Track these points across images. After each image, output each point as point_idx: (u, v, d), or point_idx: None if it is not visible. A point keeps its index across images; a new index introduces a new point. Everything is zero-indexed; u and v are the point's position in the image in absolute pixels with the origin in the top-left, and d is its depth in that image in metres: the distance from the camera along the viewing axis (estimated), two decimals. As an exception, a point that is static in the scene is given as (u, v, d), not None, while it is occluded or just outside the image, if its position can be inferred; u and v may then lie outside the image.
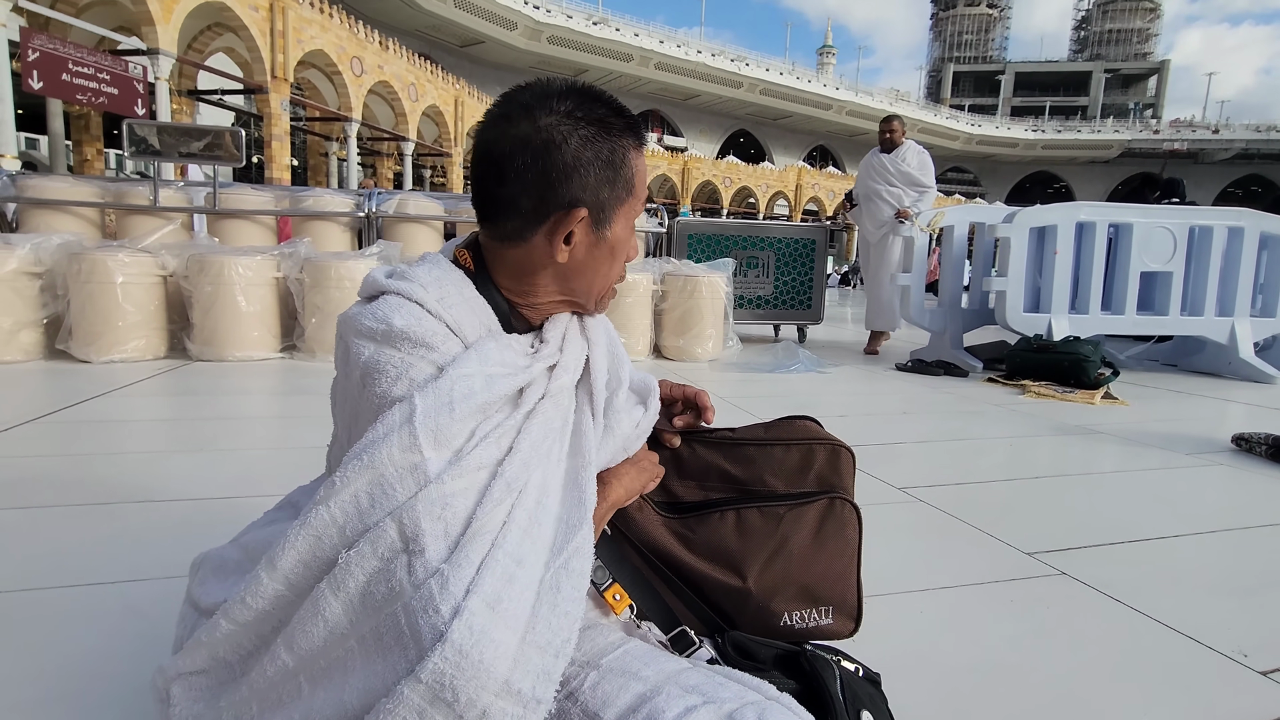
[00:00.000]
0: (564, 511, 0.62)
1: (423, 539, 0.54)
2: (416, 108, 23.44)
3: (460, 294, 0.68)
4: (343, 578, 0.54)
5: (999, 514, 1.67)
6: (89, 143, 15.83)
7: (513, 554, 0.55)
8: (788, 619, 0.83)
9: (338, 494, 0.56)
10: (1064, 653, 1.06)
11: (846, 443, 0.93)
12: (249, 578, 0.58)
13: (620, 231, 0.71)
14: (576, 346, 0.73)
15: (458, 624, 0.49)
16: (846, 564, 0.87)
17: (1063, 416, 2.89)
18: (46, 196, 3.87)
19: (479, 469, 0.59)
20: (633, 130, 0.70)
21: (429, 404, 0.59)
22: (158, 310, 3.44)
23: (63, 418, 2.25)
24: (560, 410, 0.68)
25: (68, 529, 1.37)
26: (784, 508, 0.85)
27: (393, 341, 0.62)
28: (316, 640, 0.54)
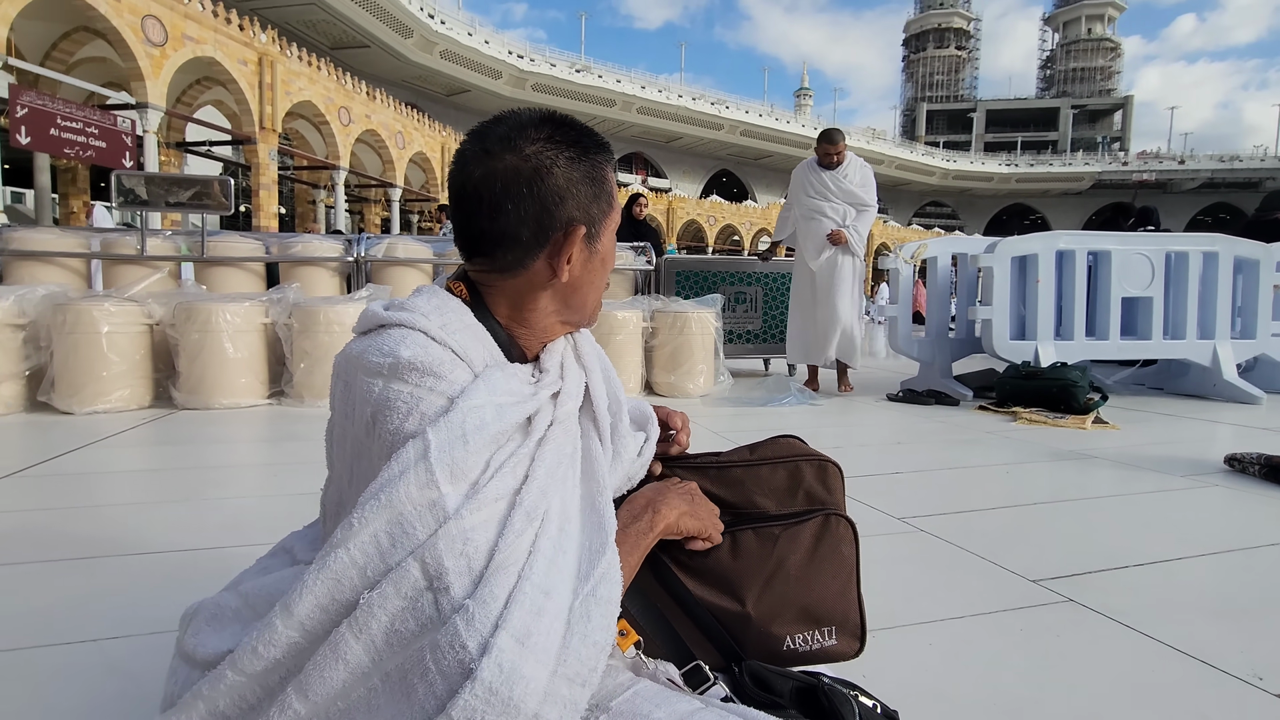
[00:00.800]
0: (585, 538, 0.61)
1: (447, 576, 0.53)
2: (404, 155, 23.79)
3: (461, 320, 0.68)
4: (365, 620, 0.53)
5: (1001, 541, 1.65)
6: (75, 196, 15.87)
7: (540, 585, 0.54)
8: (790, 642, 0.80)
9: (356, 535, 0.55)
10: (1079, 683, 1.04)
11: (832, 458, 0.92)
12: (260, 625, 0.56)
13: (607, 243, 0.74)
14: (575, 374, 0.74)
15: (487, 661, 0.49)
16: (845, 581, 0.84)
17: (1056, 442, 2.90)
18: (31, 249, 3.85)
19: (497, 500, 0.58)
20: (604, 147, 0.73)
21: (442, 438, 0.58)
22: (143, 359, 3.40)
23: (42, 471, 2.19)
24: (570, 436, 0.67)
25: (46, 586, 1.32)
26: (779, 528, 0.82)
27: (400, 375, 0.61)
28: (335, 684, 0.53)
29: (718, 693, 0.70)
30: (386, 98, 23.02)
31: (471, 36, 34.47)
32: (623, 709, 0.59)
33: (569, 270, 0.70)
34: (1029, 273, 4.05)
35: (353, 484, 0.66)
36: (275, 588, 0.66)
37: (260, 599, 0.67)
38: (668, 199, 37.85)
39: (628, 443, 0.80)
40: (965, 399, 4.00)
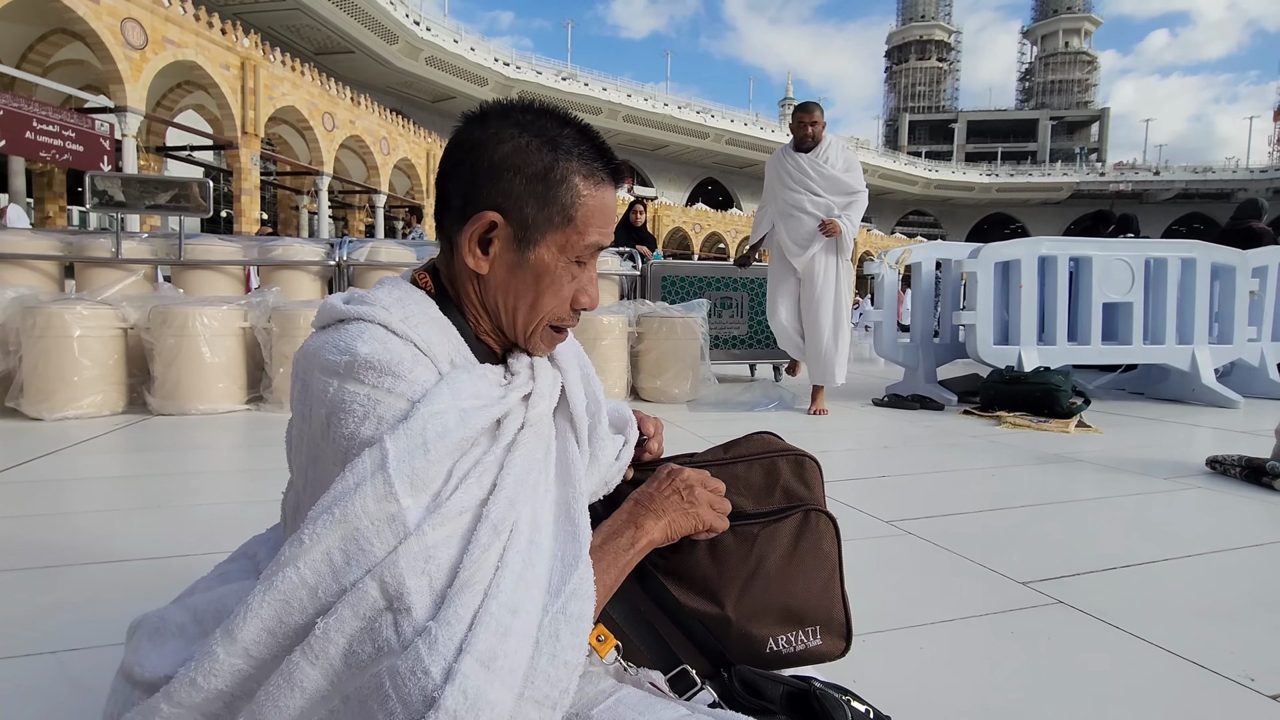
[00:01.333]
0: (558, 548, 0.58)
1: (408, 597, 0.49)
2: (388, 161, 23.65)
3: (425, 313, 0.64)
4: (321, 645, 0.49)
5: (989, 544, 1.64)
6: (51, 200, 15.61)
7: (507, 604, 0.51)
8: (774, 644, 0.77)
9: (307, 553, 0.51)
10: (1072, 686, 1.02)
11: (810, 452, 0.90)
12: (199, 654, 0.51)
13: (549, 259, 0.65)
14: (548, 374, 0.70)
15: (451, 690, 0.45)
16: (827, 579, 0.81)
17: (1040, 446, 2.91)
18: (4, 251, 3.76)
19: (461, 513, 0.54)
20: (593, 160, 0.66)
21: (401, 447, 0.54)
22: (117, 364, 3.32)
23: (8, 478, 2.12)
24: (542, 440, 0.63)
25: (6, 596, 1.27)
26: (757, 526, 0.79)
27: (357, 374, 0.57)
28: (292, 711, 0.49)
29: (705, 699, 0.67)
30: (371, 104, 22.89)
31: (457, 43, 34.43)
32: (604, 717, 0.57)
33: (488, 264, 0.65)
34: (1012, 278, 4.08)
35: (308, 489, 0.63)
36: (225, 603, 0.62)
37: (209, 615, 0.63)
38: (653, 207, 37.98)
39: (606, 446, 0.76)
40: (950, 404, 4.02)
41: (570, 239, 0.65)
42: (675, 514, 0.70)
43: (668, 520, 0.69)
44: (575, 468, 0.65)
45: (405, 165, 25.33)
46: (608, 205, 0.67)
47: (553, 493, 0.62)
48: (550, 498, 0.61)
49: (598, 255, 0.69)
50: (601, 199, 0.67)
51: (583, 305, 0.69)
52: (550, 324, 0.68)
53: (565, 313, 0.69)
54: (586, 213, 0.66)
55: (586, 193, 0.66)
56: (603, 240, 0.67)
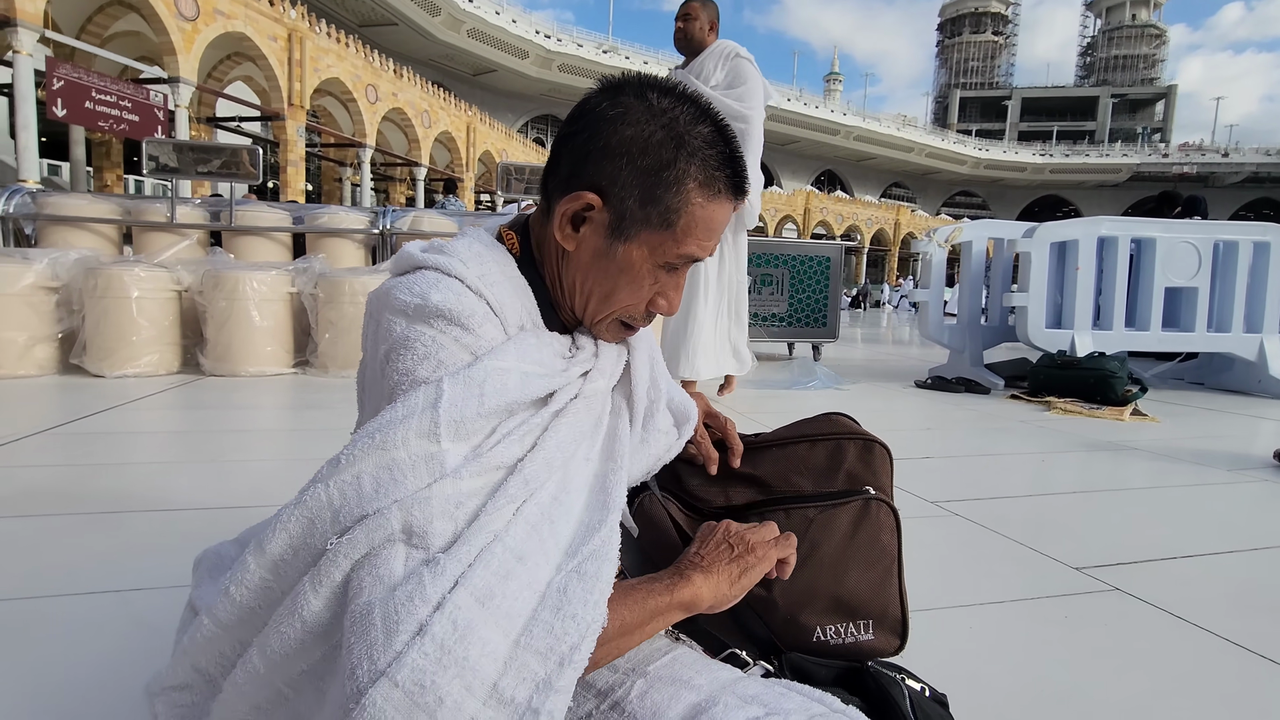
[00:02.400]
0: (587, 516, 0.56)
1: (431, 537, 0.48)
2: (429, 134, 23.81)
3: (502, 272, 0.63)
4: (328, 569, 0.47)
5: (1039, 528, 1.59)
6: (109, 169, 16.13)
7: (514, 549, 0.48)
8: (821, 634, 0.74)
9: (340, 473, 0.50)
10: (1129, 674, 0.99)
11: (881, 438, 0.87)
12: (236, 565, 0.52)
13: (636, 258, 0.62)
14: (612, 352, 0.68)
15: (439, 617, 0.43)
16: (884, 572, 0.78)
17: (1092, 433, 2.81)
18: (65, 214, 3.90)
19: (498, 468, 0.53)
20: (716, 168, 0.61)
21: (457, 392, 0.53)
22: (172, 325, 3.43)
23: (73, 429, 2.22)
24: (592, 413, 0.62)
25: (74, 538, 1.33)
26: (814, 510, 0.76)
27: (426, 317, 0.57)
28: (292, 642, 0.48)
29: (756, 673, 0.65)
30: (413, 76, 23.01)
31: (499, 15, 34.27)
32: (661, 674, 0.56)
33: (576, 242, 0.62)
34: (1068, 259, 3.92)
35: None
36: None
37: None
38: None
39: (659, 437, 0.74)
40: (996, 388, 3.91)
41: (665, 244, 0.62)
42: (730, 566, 0.61)
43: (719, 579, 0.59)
44: (621, 444, 0.63)
45: (445, 138, 25.48)
46: (716, 219, 0.63)
47: (594, 465, 0.60)
48: (590, 469, 0.60)
49: (690, 265, 0.65)
50: (711, 212, 0.62)
51: (658, 309, 0.66)
52: (620, 319, 0.66)
53: (639, 312, 0.65)
54: (690, 222, 0.61)
55: (697, 201, 0.61)
56: (699, 254, 0.63)
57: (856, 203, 43.79)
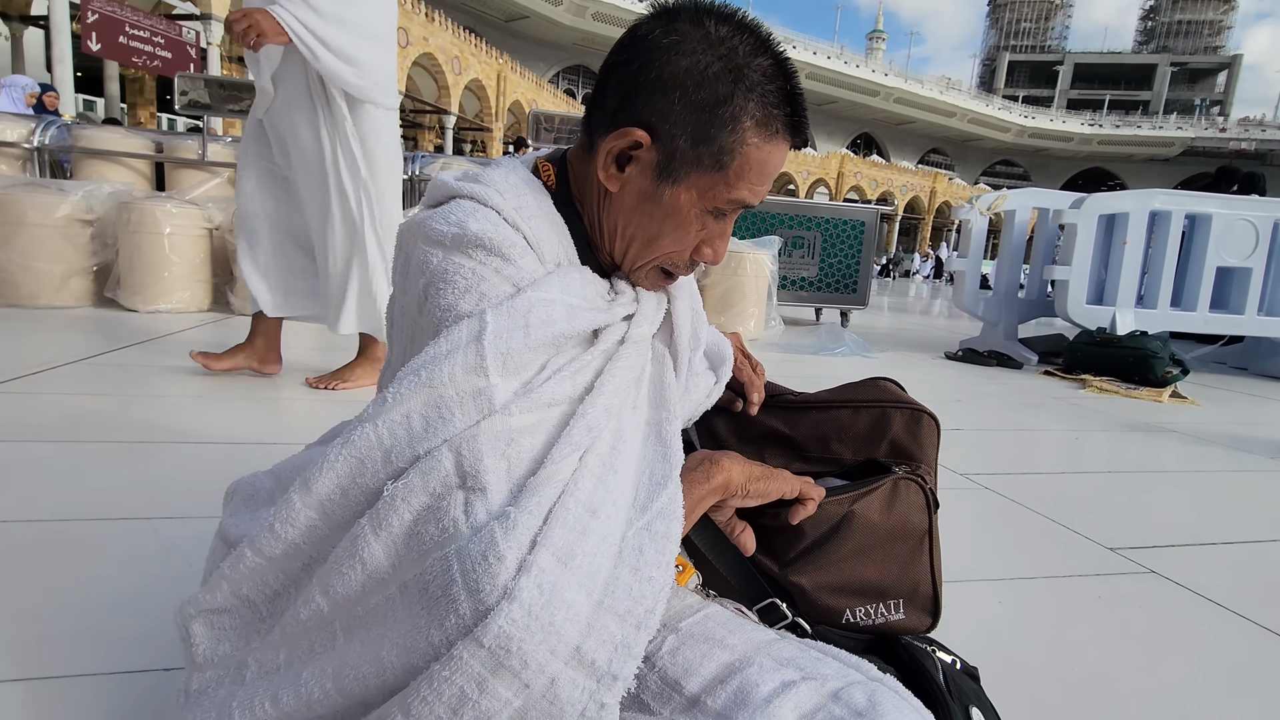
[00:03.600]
0: (646, 466, 0.53)
1: (484, 476, 0.46)
2: (459, 81, 23.45)
3: (539, 206, 0.59)
4: (386, 514, 0.46)
5: (1072, 506, 1.55)
6: (143, 106, 16.17)
7: (586, 503, 0.47)
8: (850, 616, 0.71)
9: (387, 412, 0.49)
10: (1163, 659, 0.96)
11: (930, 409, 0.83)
12: (280, 502, 0.51)
13: (684, 202, 0.58)
14: (654, 299, 0.64)
15: (526, 581, 0.41)
16: (912, 552, 0.74)
17: (1127, 413, 2.73)
18: (99, 147, 3.91)
19: (551, 405, 0.51)
20: (775, 105, 0.56)
21: (502, 323, 0.51)
22: (203, 263, 3.46)
23: (108, 360, 2.25)
24: (641, 359, 0.59)
25: (107, 465, 1.35)
26: (847, 501, 0.70)
27: (465, 248, 0.54)
28: (354, 585, 0.47)
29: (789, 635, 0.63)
30: (445, 20, 22.55)
31: (533, -42, 33.31)
32: (693, 630, 0.54)
33: (620, 183, 0.59)
34: (1116, 233, 3.76)
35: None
36: (306, 463, 0.63)
37: (290, 477, 0.63)
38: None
39: (699, 381, 0.72)
40: (1029, 363, 3.81)
41: (715, 187, 0.58)
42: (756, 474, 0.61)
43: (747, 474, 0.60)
44: (670, 392, 0.60)
45: (475, 86, 25.09)
46: (771, 162, 0.58)
47: (643, 412, 0.58)
48: (640, 416, 0.57)
49: (739, 212, 0.62)
50: (767, 154, 0.58)
51: (704, 258, 0.62)
52: (662, 266, 0.62)
53: (682, 260, 0.62)
54: (743, 164, 0.57)
55: (752, 142, 0.57)
56: (751, 199, 0.59)
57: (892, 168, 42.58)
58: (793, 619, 0.63)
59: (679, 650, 0.52)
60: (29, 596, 0.88)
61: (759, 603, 0.63)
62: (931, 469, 0.82)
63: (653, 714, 0.49)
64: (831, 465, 0.82)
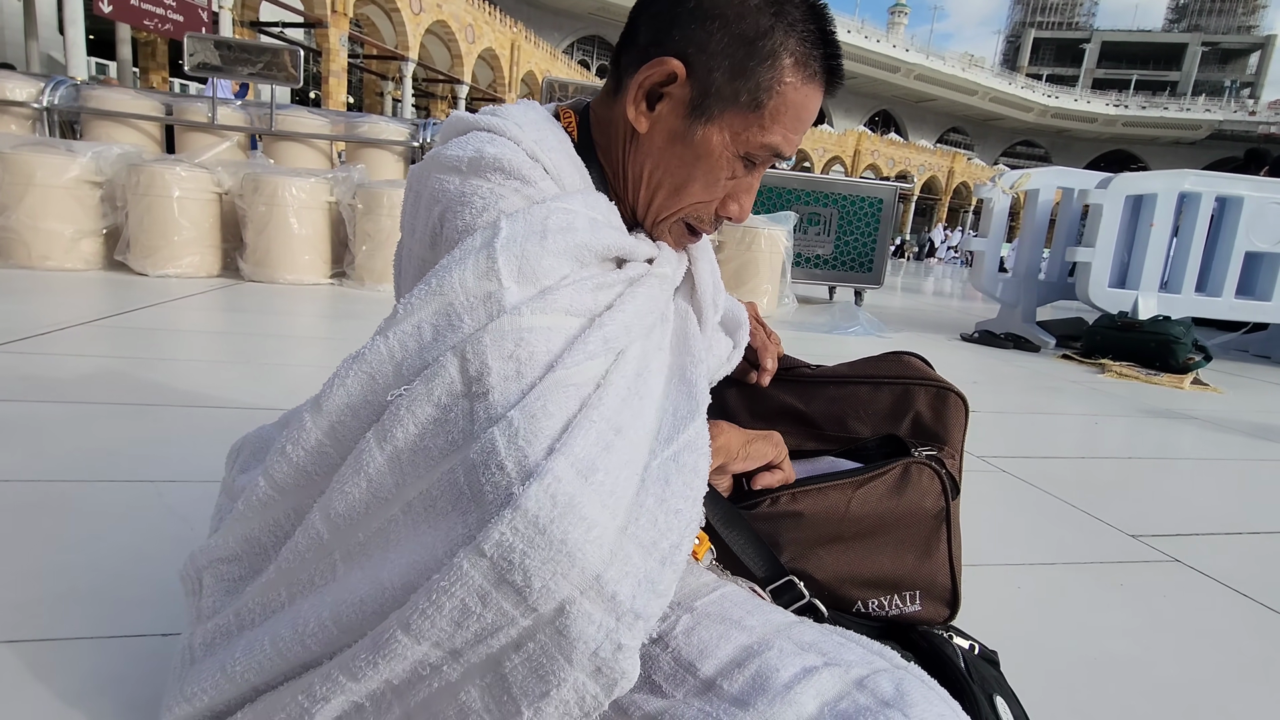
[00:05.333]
0: (669, 403, 0.51)
1: (488, 378, 0.43)
2: (473, 50, 23.12)
3: (560, 146, 0.56)
4: (390, 425, 0.44)
5: (1093, 491, 1.51)
6: (155, 70, 16.06)
7: (610, 419, 0.43)
8: (862, 606, 0.68)
9: (399, 324, 0.46)
10: (1189, 649, 0.93)
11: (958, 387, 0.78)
12: (293, 423, 0.48)
13: (716, 142, 0.55)
14: (674, 256, 0.61)
15: (536, 489, 0.37)
16: (926, 542, 0.69)
17: (1147, 399, 2.67)
18: (109, 108, 3.87)
19: (568, 313, 0.47)
20: (814, 45, 0.54)
21: (516, 228, 0.48)
22: (212, 228, 3.43)
23: (116, 323, 2.24)
24: (665, 295, 0.56)
25: (113, 426, 1.33)
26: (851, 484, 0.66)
27: (482, 171, 0.51)
28: (356, 505, 0.45)
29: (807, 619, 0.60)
30: (459, -14, 22.17)
31: (549, -76, 32.59)
32: (709, 610, 0.51)
33: (644, 119, 0.56)
34: (1143, 215, 3.66)
35: None
36: None
37: None
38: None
39: (717, 345, 0.69)
40: (1047, 346, 3.74)
41: (750, 128, 0.55)
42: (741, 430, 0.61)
43: (739, 431, 0.61)
44: (695, 342, 0.57)
45: (489, 55, 24.74)
46: (807, 107, 0.56)
47: (666, 356, 0.55)
48: (663, 357, 0.54)
49: (769, 164, 0.58)
50: (804, 96, 0.55)
51: (729, 214, 0.59)
52: (687, 219, 0.59)
53: (708, 214, 0.59)
54: (780, 104, 0.54)
55: (790, 80, 0.54)
56: (784, 148, 0.56)
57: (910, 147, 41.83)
58: (809, 599, 0.60)
59: (694, 630, 0.49)
60: (26, 557, 0.87)
61: (774, 581, 0.60)
62: (956, 451, 0.78)
63: (665, 697, 0.47)
64: (848, 445, 0.78)
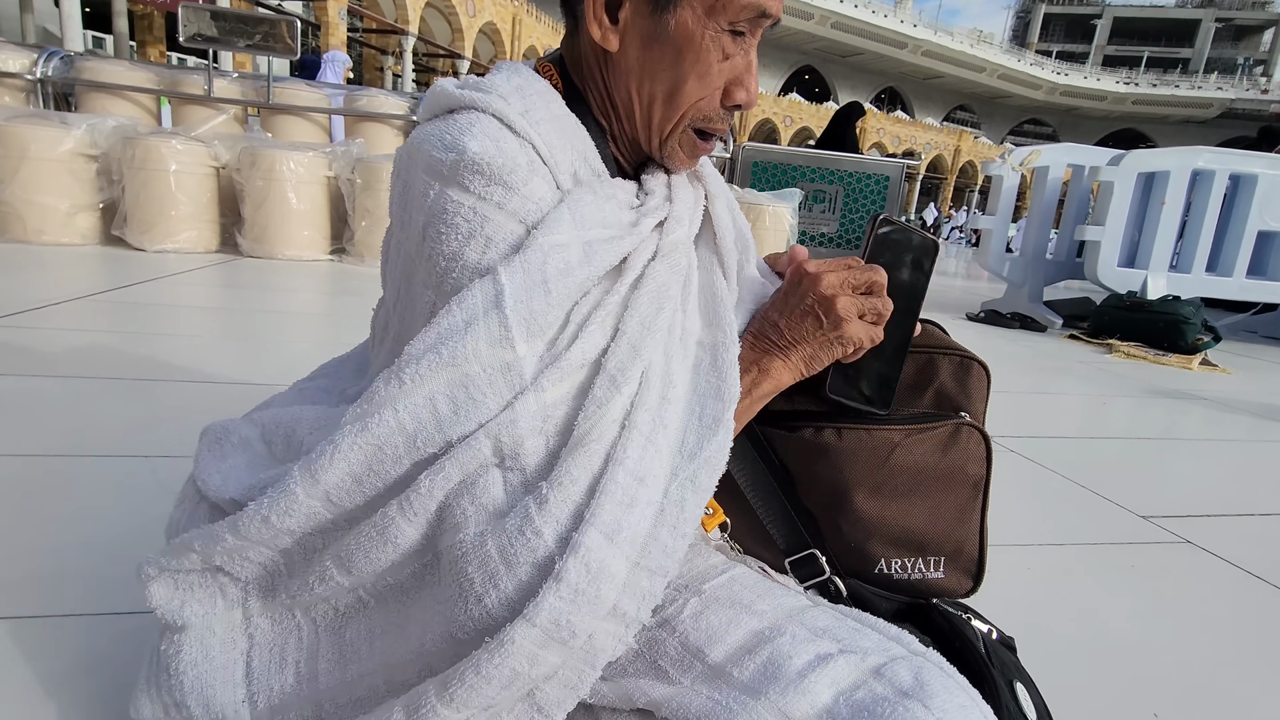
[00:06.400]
0: (696, 403, 0.48)
1: (524, 458, 0.44)
2: (474, 24, 22.76)
3: (548, 109, 0.52)
4: (423, 503, 0.44)
5: (1100, 472, 1.49)
6: (152, 44, 15.85)
7: (634, 471, 0.43)
8: (884, 567, 0.66)
9: (407, 396, 0.43)
10: (1198, 631, 0.91)
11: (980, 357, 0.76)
12: (274, 490, 0.46)
13: (692, 24, 0.50)
14: (688, 195, 0.57)
15: (573, 563, 0.40)
16: (964, 506, 0.68)
17: (1155, 379, 2.64)
18: (103, 80, 3.80)
19: (581, 367, 0.46)
20: None
21: (518, 284, 0.45)
22: (210, 202, 3.39)
23: (113, 298, 2.21)
24: (677, 272, 0.52)
25: (107, 401, 1.31)
26: (899, 432, 0.65)
27: (461, 178, 0.47)
28: (382, 564, 0.46)
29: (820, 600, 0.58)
30: (459, -42, 21.76)
31: (551, -106, 31.90)
32: (718, 594, 0.49)
33: (611, 36, 0.51)
34: (1154, 193, 3.60)
35: (398, 307, 0.55)
36: (295, 427, 0.57)
37: (277, 435, 0.58)
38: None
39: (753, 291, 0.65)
40: (1053, 326, 3.70)
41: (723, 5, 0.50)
42: (812, 346, 0.53)
43: (800, 356, 0.54)
44: (723, 305, 0.53)
45: (490, 30, 24.36)
46: None
47: (694, 334, 0.52)
48: (691, 340, 0.51)
49: (760, 31, 0.53)
50: None
51: (738, 101, 0.54)
52: (694, 125, 0.55)
53: (714, 110, 0.54)
54: None
55: None
56: (768, 3, 0.51)
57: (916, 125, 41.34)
58: (829, 576, 0.57)
59: (702, 615, 0.47)
60: (17, 532, 0.85)
61: (796, 552, 0.57)
62: (980, 421, 0.76)
63: (671, 683, 0.45)
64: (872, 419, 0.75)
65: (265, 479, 0.50)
